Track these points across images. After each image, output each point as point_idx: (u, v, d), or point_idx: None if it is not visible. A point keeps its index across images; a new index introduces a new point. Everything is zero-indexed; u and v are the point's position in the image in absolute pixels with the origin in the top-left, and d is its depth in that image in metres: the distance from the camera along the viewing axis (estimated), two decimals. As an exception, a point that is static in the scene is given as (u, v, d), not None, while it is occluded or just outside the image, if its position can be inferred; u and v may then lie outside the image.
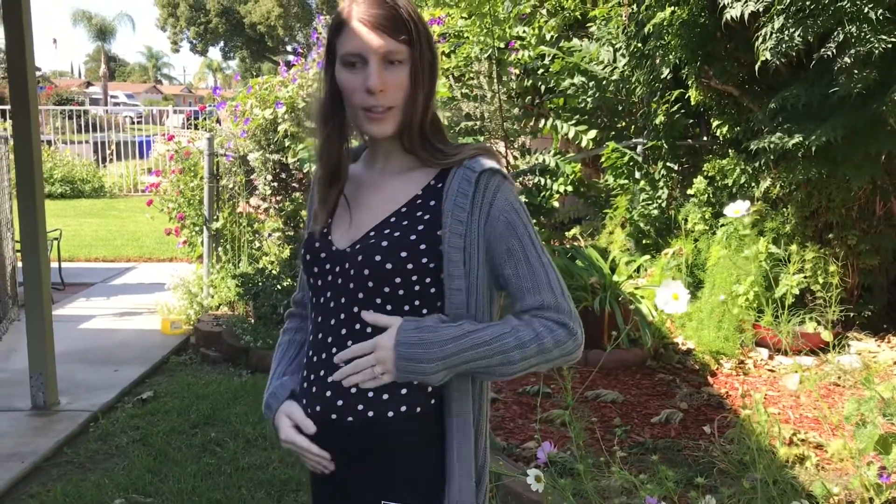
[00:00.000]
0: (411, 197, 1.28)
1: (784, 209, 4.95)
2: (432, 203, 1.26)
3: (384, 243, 1.24)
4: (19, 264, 4.60)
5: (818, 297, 4.70)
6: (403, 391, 1.24)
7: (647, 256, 5.38)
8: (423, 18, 1.27)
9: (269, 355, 4.53)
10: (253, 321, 4.92)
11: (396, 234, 1.24)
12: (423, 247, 1.23)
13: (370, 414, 1.24)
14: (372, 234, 1.27)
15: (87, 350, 4.96)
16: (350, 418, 1.25)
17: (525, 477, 1.80)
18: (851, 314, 4.75)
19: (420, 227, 1.24)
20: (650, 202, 5.62)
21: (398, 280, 1.23)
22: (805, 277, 4.69)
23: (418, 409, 1.25)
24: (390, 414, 1.24)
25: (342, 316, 1.27)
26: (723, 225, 5.03)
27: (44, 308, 3.87)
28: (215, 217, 5.82)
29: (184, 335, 5.23)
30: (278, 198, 5.90)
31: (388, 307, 1.24)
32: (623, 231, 5.57)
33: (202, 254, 5.97)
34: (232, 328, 4.93)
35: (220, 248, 5.84)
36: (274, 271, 5.08)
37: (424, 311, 1.25)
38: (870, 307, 4.85)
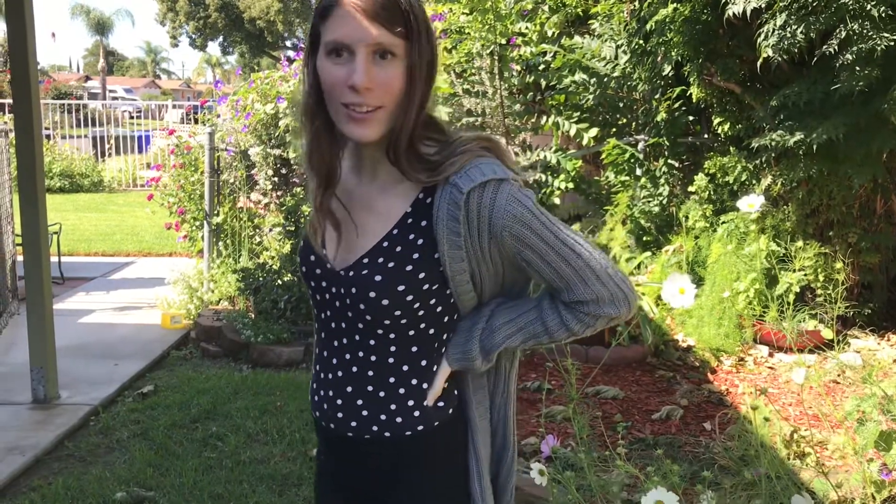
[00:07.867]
0: (401, 216, 1.17)
1: (785, 207, 4.96)
2: (423, 224, 1.16)
3: (377, 278, 1.15)
4: (20, 258, 4.60)
5: (818, 295, 4.71)
6: (416, 413, 1.20)
7: (648, 253, 5.38)
8: (423, 9, 1.13)
9: (270, 350, 4.58)
10: (253, 316, 4.92)
11: (391, 265, 1.15)
12: (422, 275, 1.15)
13: (387, 434, 1.20)
14: (365, 261, 1.18)
15: (87, 344, 4.95)
16: (367, 436, 1.21)
17: (527, 473, 1.80)
18: (852, 312, 4.76)
19: (415, 256, 1.15)
20: (651, 199, 5.62)
21: (398, 312, 1.16)
22: (805, 275, 4.69)
23: (436, 423, 1.21)
24: (408, 433, 1.20)
25: (345, 341, 1.22)
26: (724, 222, 5.03)
27: (44, 302, 3.87)
28: (216, 212, 5.81)
29: (184, 330, 5.22)
30: (279, 193, 5.91)
31: (392, 335, 1.19)
32: (624, 228, 5.57)
33: (202, 248, 5.96)
34: (232, 323, 4.93)
35: (220, 243, 5.84)
36: (274, 266, 5.07)
37: (431, 330, 1.20)
38: (870, 305, 4.86)
